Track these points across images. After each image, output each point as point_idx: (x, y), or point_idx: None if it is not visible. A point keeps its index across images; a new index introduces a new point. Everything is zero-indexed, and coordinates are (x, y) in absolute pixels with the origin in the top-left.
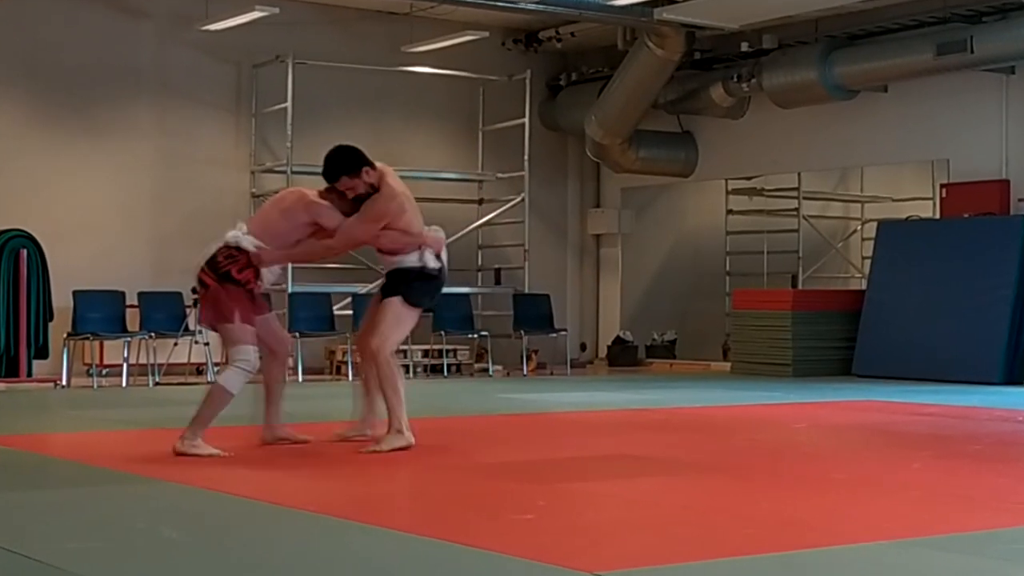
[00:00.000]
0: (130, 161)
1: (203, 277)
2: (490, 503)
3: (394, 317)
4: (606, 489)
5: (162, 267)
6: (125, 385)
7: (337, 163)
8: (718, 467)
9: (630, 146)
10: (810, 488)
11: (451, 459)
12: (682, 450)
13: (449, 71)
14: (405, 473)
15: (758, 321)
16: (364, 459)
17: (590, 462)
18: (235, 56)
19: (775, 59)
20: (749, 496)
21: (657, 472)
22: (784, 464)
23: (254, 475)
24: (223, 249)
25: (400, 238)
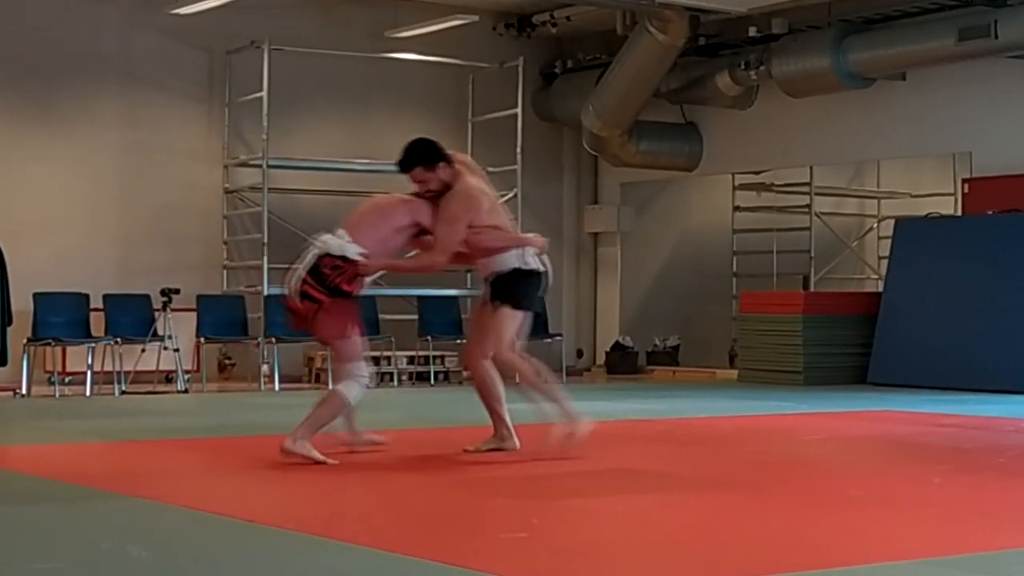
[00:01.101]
0: (94, 154)
1: (310, 292)
2: (480, 520)
3: (503, 327)
4: (604, 506)
5: (129, 268)
6: (89, 394)
7: (413, 153)
8: (724, 483)
9: (630, 138)
10: (823, 505)
11: (437, 473)
12: (686, 464)
13: (436, 58)
14: (388, 488)
15: (767, 326)
16: (344, 474)
17: (587, 477)
18: (207, 42)
19: (785, 45)
20: (758, 514)
21: (659, 488)
22: (795, 479)
23: (227, 490)
24: (327, 259)
25: (494, 235)
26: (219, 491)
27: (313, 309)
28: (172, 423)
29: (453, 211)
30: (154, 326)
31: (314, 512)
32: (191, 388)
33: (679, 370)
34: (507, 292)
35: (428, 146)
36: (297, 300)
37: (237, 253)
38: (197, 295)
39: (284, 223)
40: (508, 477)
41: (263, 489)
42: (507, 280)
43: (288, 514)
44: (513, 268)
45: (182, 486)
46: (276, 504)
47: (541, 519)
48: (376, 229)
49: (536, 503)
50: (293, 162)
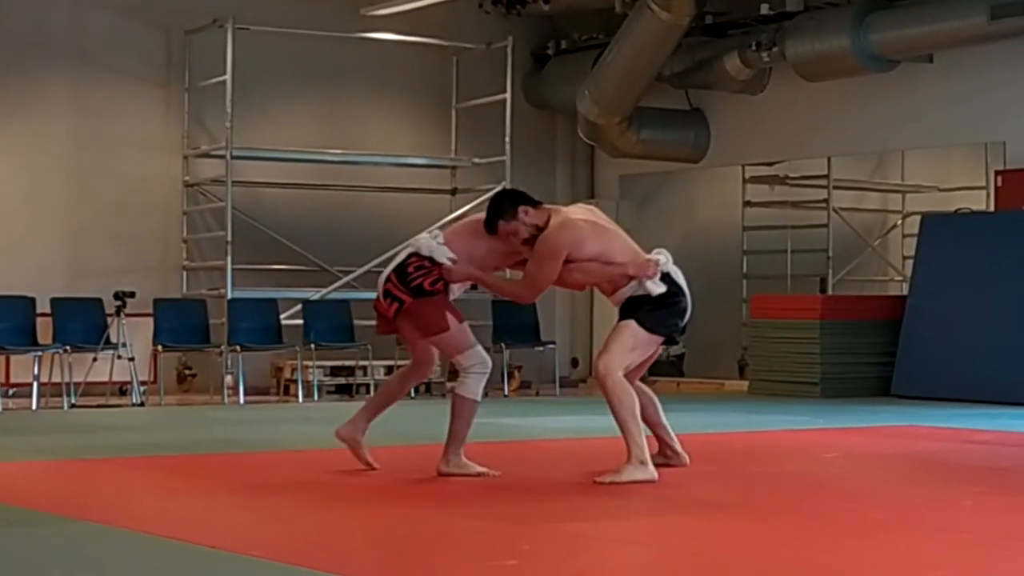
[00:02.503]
0: (40, 144)
1: (394, 291)
2: (465, 546)
3: (628, 338)
4: (601, 530)
5: (79, 269)
6: (35, 408)
7: (495, 210)
8: (734, 504)
9: (630, 126)
10: (841, 530)
11: (419, 494)
12: (691, 484)
13: (417, 38)
14: (365, 511)
15: (780, 332)
16: (317, 495)
17: (583, 499)
18: (164, 20)
19: (801, 24)
20: (769, 539)
21: (661, 510)
22: (811, 501)
23: (188, 514)
24: (414, 259)
25: (597, 271)
26: (178, 514)
27: (394, 309)
28: (126, 440)
29: (542, 250)
30: (107, 333)
31: (283, 537)
32: (147, 401)
33: (684, 381)
34: (630, 311)
35: (502, 197)
36: (382, 300)
37: (198, 253)
38: (154, 299)
39: (249, 220)
40: (497, 500)
41: (227, 512)
42: (634, 304)
43: (254, 540)
44: (636, 296)
45: (137, 509)
46: (241, 529)
47: (532, 545)
48: (474, 241)
49: (527, 528)
50: (259, 152)
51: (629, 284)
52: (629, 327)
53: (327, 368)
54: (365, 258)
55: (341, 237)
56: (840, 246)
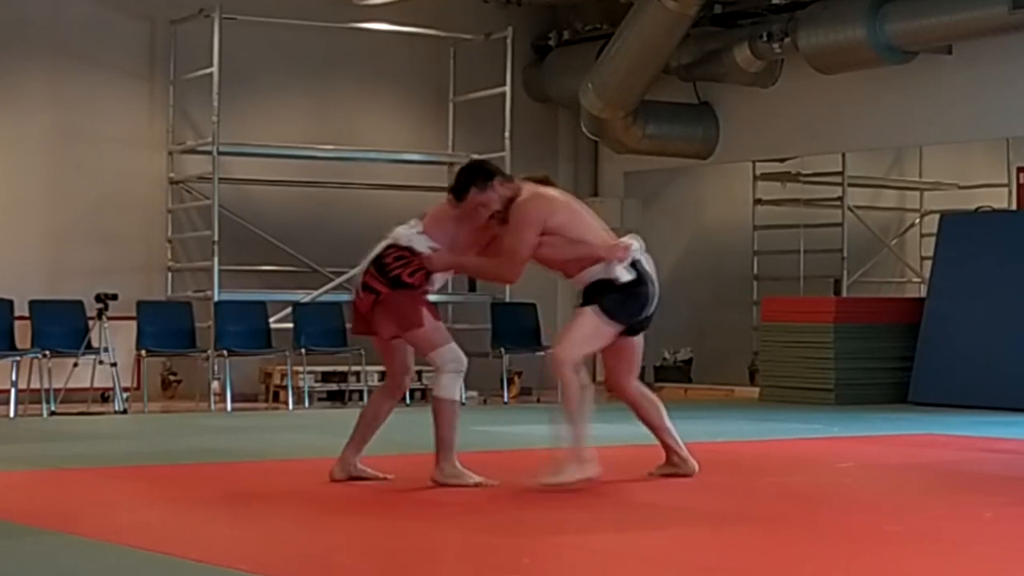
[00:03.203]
0: (17, 139)
1: (371, 283)
2: (464, 560)
3: (586, 326)
4: (605, 544)
5: (59, 270)
6: (13, 415)
7: (466, 175)
8: (744, 517)
9: (635, 121)
10: (856, 542)
11: (416, 506)
12: (699, 496)
13: (412, 28)
14: (357, 523)
15: (793, 336)
16: (307, 506)
17: (586, 511)
18: (148, 9)
19: (814, 13)
20: (781, 553)
21: (669, 523)
22: (824, 513)
23: (173, 526)
24: (392, 249)
25: (567, 247)
26: (163, 527)
27: (371, 300)
28: (108, 448)
29: (518, 219)
30: (88, 337)
31: (272, 551)
32: (130, 408)
33: (692, 388)
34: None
35: (477, 166)
36: (360, 293)
37: (183, 253)
38: (137, 301)
39: (237, 218)
40: (496, 511)
41: (214, 525)
42: (596, 288)
43: (242, 553)
44: (600, 279)
45: (121, 521)
46: (228, 542)
47: (533, 558)
48: (454, 226)
49: (528, 540)
50: (247, 148)
51: (596, 267)
52: (588, 314)
53: (318, 374)
54: (358, 259)
55: (333, 237)
56: (855, 246)
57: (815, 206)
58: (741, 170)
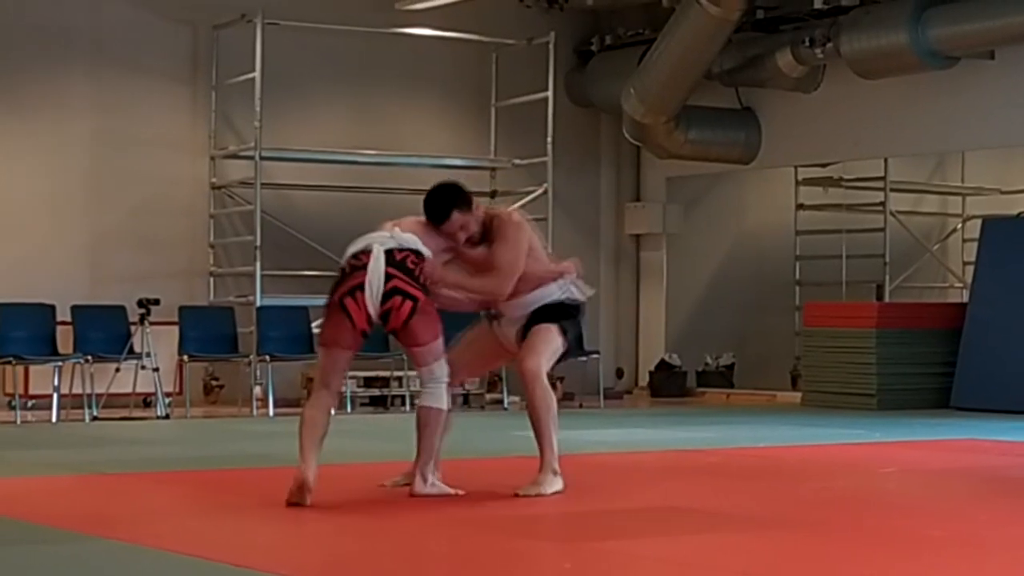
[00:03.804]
0: (60, 144)
1: (408, 288)
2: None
3: (554, 342)
4: (647, 549)
5: (101, 275)
6: (56, 420)
7: (447, 197)
8: (786, 522)
9: (677, 126)
10: (900, 548)
11: (456, 511)
12: (741, 501)
13: (454, 33)
14: (400, 527)
15: (835, 341)
16: (348, 512)
17: (627, 515)
18: (190, 14)
19: (856, 19)
20: (824, 558)
21: (710, 528)
22: (867, 518)
23: (215, 531)
24: (408, 254)
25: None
26: (205, 532)
27: (409, 308)
28: (150, 453)
29: (513, 235)
30: (130, 342)
31: (314, 555)
32: (173, 413)
33: (734, 392)
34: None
35: (458, 188)
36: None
37: (225, 258)
38: (180, 306)
39: (279, 223)
40: (539, 515)
41: (256, 529)
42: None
43: (284, 558)
44: (557, 300)
45: (162, 526)
46: (270, 546)
47: (575, 563)
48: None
49: (570, 545)
50: (289, 153)
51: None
52: (553, 331)
53: (360, 379)
54: None
55: None
56: (897, 251)
57: (857, 211)
58: (783, 175)
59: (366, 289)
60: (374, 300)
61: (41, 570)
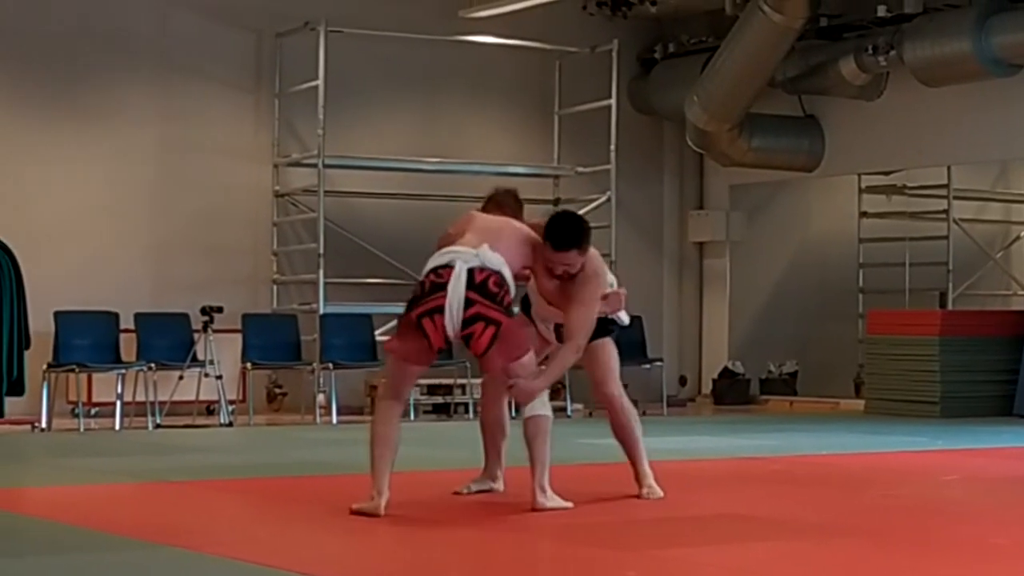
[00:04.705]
0: (124, 152)
1: (490, 313)
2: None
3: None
4: (711, 556)
5: (165, 283)
6: (119, 428)
7: (578, 231)
8: (849, 530)
9: (740, 134)
10: (964, 555)
11: (521, 518)
12: (804, 509)
13: (518, 41)
14: (464, 536)
15: (898, 349)
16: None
17: (691, 523)
18: (254, 22)
19: (919, 26)
20: (887, 566)
21: (773, 536)
22: (931, 526)
23: (279, 539)
24: (490, 274)
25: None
26: (269, 540)
27: (491, 334)
28: (214, 461)
29: (591, 295)
30: (193, 350)
31: (381, 564)
32: (236, 421)
33: (797, 400)
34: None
35: (587, 227)
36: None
37: (289, 266)
38: (243, 314)
39: (342, 231)
40: (600, 523)
41: (320, 538)
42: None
43: (350, 567)
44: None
45: (226, 534)
46: (335, 555)
47: (638, 571)
48: (513, 251)
49: (632, 553)
50: (353, 161)
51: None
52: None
53: (423, 386)
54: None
55: None
56: (961, 259)
57: (920, 219)
58: (846, 183)
59: (445, 312)
60: (454, 324)
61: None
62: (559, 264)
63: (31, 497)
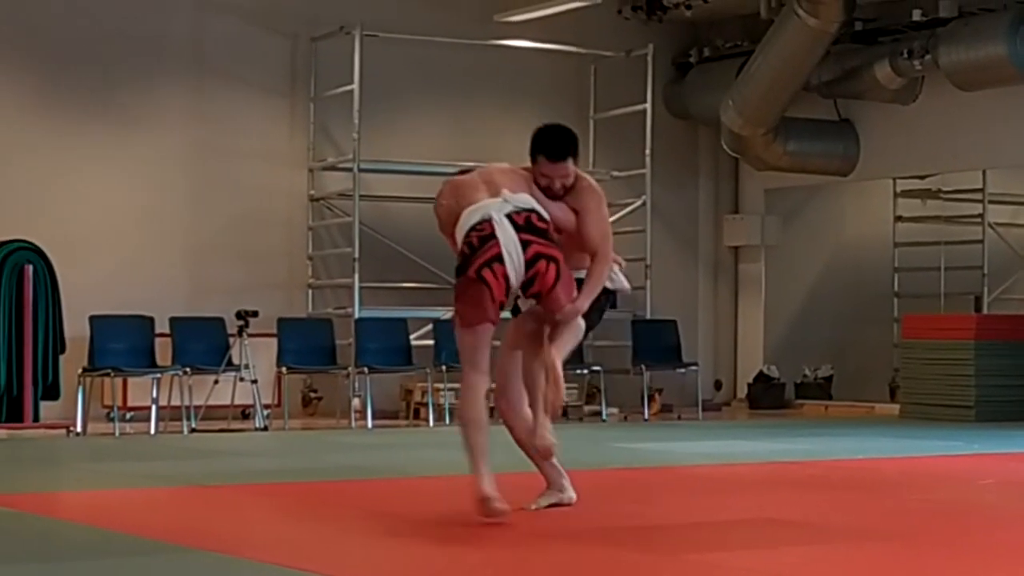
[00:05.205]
0: (159, 156)
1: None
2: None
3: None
4: (746, 561)
5: (199, 286)
6: (154, 432)
7: (571, 138)
8: (885, 534)
9: (776, 138)
10: (1000, 560)
11: (555, 522)
12: (839, 513)
13: (553, 45)
14: (497, 540)
15: (933, 353)
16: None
17: (726, 527)
18: (289, 27)
19: (955, 30)
20: (923, 569)
21: (808, 540)
22: (967, 530)
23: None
24: (528, 214)
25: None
26: (303, 544)
27: (554, 271)
28: (249, 465)
29: (598, 206)
30: (228, 354)
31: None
32: (271, 425)
33: (832, 404)
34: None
35: (574, 132)
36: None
37: (324, 270)
38: (278, 318)
39: (378, 235)
40: (631, 527)
41: (353, 543)
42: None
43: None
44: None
45: (260, 538)
46: (367, 560)
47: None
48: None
49: (667, 557)
50: (388, 165)
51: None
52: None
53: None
54: None
55: None
56: (996, 263)
57: (956, 223)
58: (881, 187)
59: (505, 259)
60: (516, 269)
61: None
62: (557, 178)
63: (67, 501)
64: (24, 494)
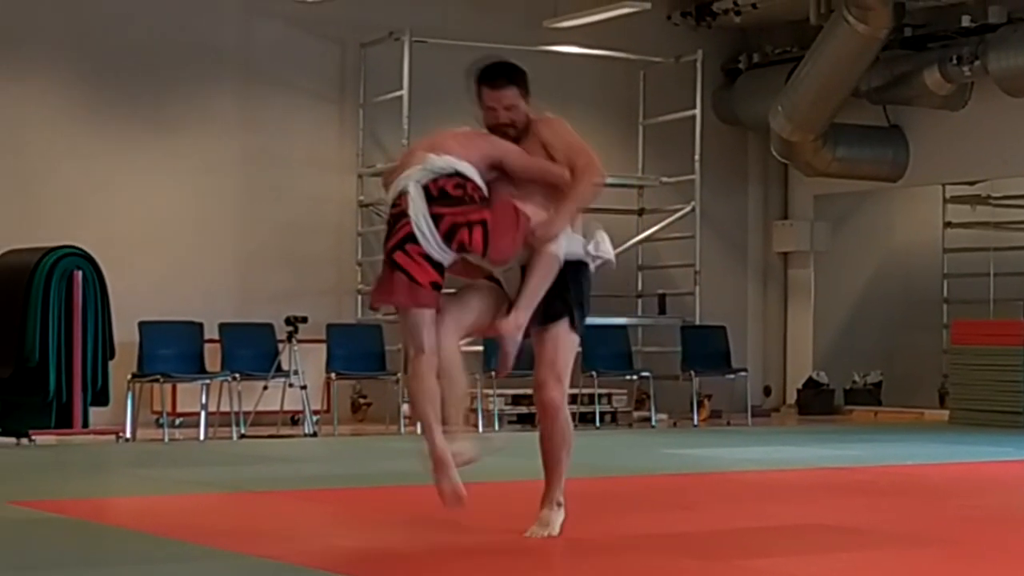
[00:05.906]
0: (209, 162)
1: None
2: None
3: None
4: (796, 567)
5: (248, 293)
6: (203, 438)
7: (509, 67)
8: (934, 540)
9: (825, 144)
10: None
11: (604, 529)
12: (889, 519)
13: (602, 51)
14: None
15: (983, 359)
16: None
17: (776, 533)
18: (338, 33)
19: (1004, 36)
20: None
21: (859, 546)
22: (1016, 536)
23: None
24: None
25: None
26: (353, 550)
27: (480, 235)
28: (298, 471)
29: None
30: (278, 360)
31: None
32: (320, 431)
33: (882, 410)
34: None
35: (523, 69)
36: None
37: (373, 276)
38: (327, 324)
39: None
40: (685, 533)
41: (403, 549)
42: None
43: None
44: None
45: (310, 544)
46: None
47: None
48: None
49: (717, 563)
50: None
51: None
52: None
53: (508, 396)
54: None
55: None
56: None
57: (1005, 229)
58: (931, 193)
59: (418, 237)
60: (434, 245)
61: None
62: (500, 107)
63: (116, 507)
64: (73, 500)
